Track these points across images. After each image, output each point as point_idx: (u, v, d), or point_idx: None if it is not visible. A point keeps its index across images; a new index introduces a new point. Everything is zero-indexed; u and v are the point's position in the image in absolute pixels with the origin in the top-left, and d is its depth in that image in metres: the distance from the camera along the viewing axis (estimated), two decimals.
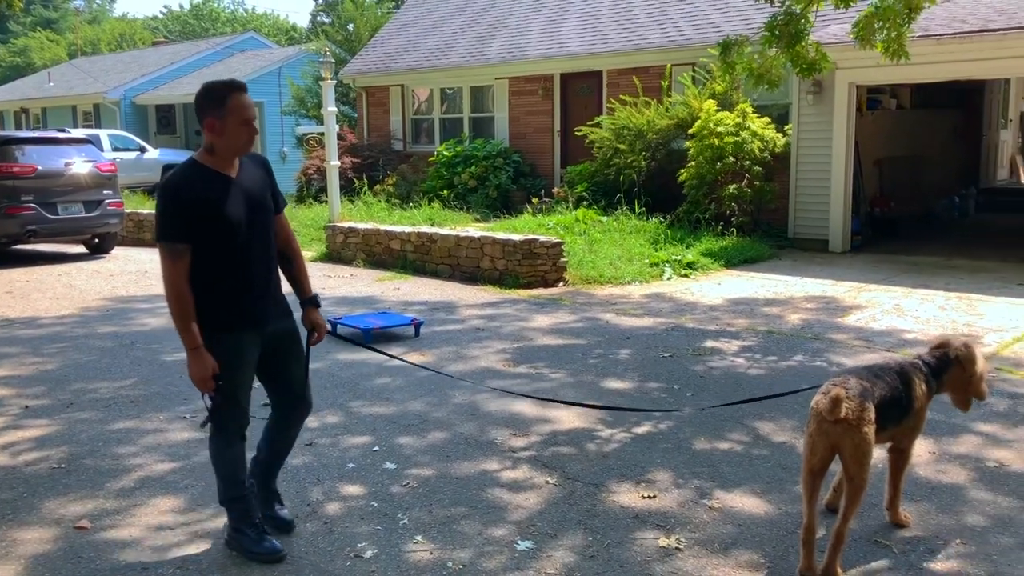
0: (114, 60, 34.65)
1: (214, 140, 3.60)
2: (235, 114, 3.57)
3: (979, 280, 9.95)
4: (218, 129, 3.57)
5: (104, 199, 13.35)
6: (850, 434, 3.52)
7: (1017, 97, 19.50)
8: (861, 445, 3.53)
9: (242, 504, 3.88)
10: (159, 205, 3.59)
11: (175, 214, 3.54)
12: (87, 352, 7.56)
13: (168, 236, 3.54)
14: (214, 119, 3.57)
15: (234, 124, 3.57)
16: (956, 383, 4.03)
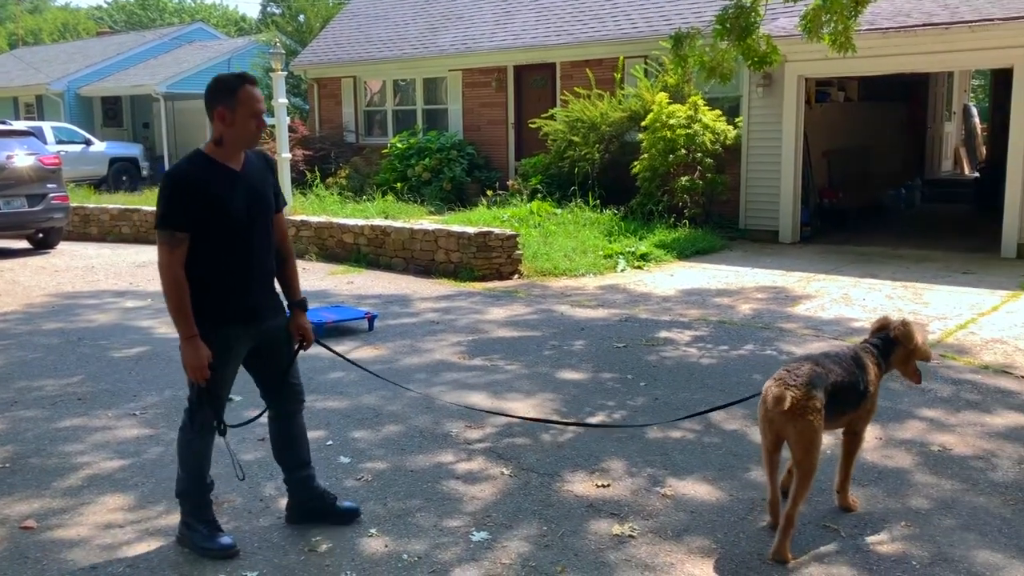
0: (57, 50, 33.81)
1: (224, 131, 3.62)
2: (246, 105, 3.59)
3: (924, 269, 10.17)
4: (228, 119, 3.59)
5: (48, 193, 13.05)
6: (793, 422, 3.63)
7: (960, 90, 19.96)
8: (805, 432, 3.63)
9: (198, 499, 3.85)
10: (162, 192, 3.58)
11: (177, 202, 3.54)
12: (32, 349, 7.39)
13: (168, 223, 3.54)
14: (225, 109, 3.58)
15: (244, 115, 3.59)
16: (901, 360, 4.16)
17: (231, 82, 3.63)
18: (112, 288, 10.20)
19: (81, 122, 26.09)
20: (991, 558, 3.69)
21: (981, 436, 5.07)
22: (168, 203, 3.56)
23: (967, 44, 10.79)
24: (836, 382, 3.78)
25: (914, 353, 4.15)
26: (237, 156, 3.69)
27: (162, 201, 3.57)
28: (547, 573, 3.61)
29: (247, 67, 24.83)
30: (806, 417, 3.61)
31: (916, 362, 4.21)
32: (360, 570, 3.65)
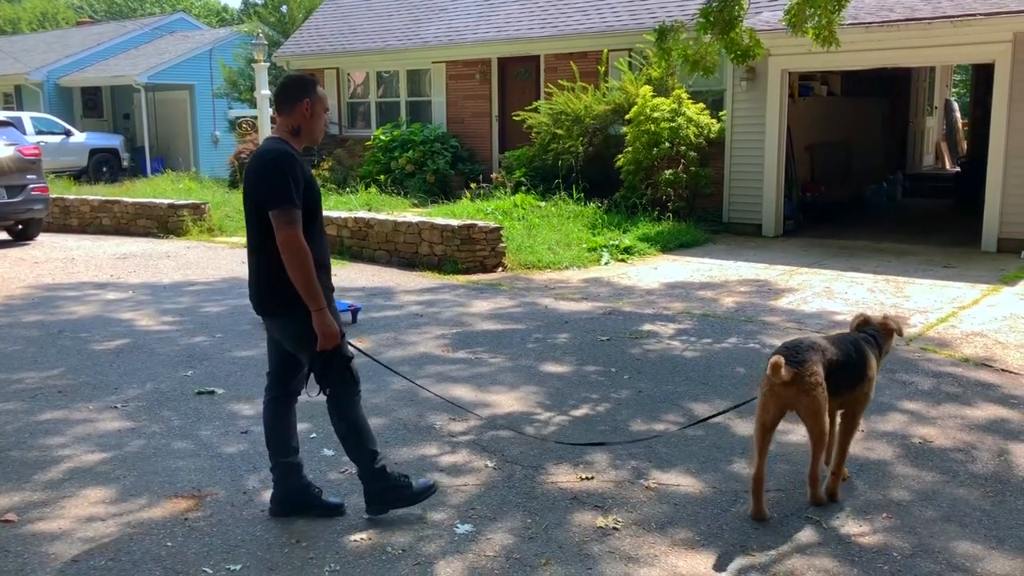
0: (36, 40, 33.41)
1: (302, 123, 3.87)
2: (321, 102, 3.92)
3: (906, 263, 10.24)
4: (308, 112, 3.86)
5: (28, 184, 12.92)
6: (800, 394, 3.88)
7: (942, 85, 20.09)
8: (813, 404, 3.90)
9: (384, 459, 4.03)
10: (276, 172, 3.71)
11: (293, 181, 3.71)
12: (11, 342, 7.32)
13: (290, 201, 3.68)
14: (310, 101, 3.86)
15: (320, 110, 3.91)
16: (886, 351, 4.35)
17: (309, 80, 3.96)
18: (93, 280, 10.12)
19: (61, 113, 25.82)
20: (971, 549, 3.73)
21: (961, 428, 5.12)
22: (287, 182, 3.69)
23: (949, 39, 10.86)
24: (832, 360, 3.97)
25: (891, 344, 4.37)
26: (301, 149, 3.93)
27: (279, 181, 3.69)
28: (531, 565, 3.61)
29: (229, 58, 24.70)
30: (812, 391, 3.86)
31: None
32: (344, 563, 3.64)
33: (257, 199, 3.76)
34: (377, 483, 4.00)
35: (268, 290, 3.84)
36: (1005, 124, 10.67)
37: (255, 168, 3.81)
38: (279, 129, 3.91)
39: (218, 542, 3.83)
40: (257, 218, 3.78)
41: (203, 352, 6.93)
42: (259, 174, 3.76)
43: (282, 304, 3.80)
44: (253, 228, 3.84)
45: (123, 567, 3.63)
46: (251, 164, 3.86)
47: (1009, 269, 9.64)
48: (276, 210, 3.66)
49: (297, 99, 3.86)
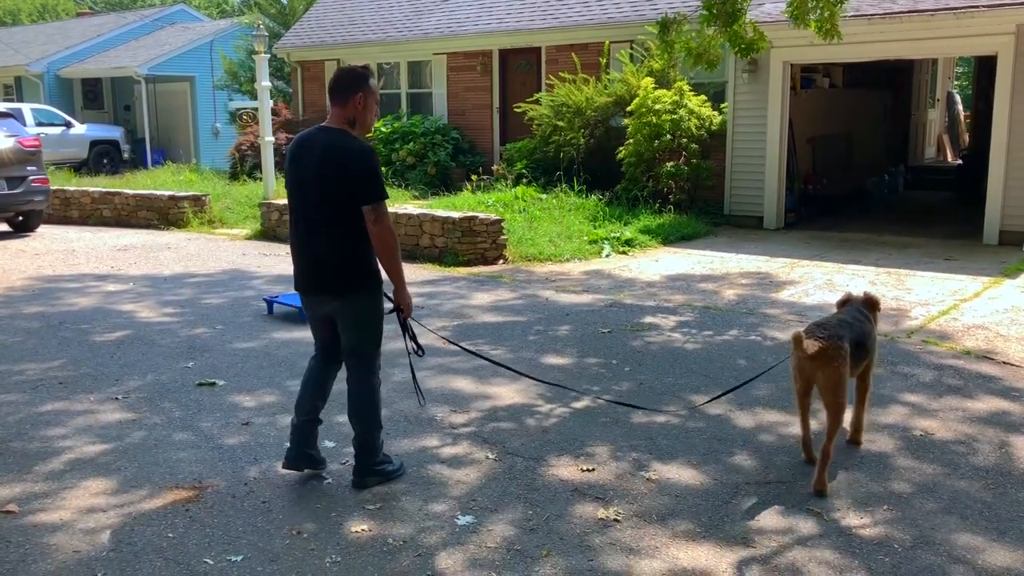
0: (36, 31, 33.33)
1: (357, 115, 4.06)
2: (374, 94, 4.10)
3: (907, 256, 10.23)
4: (362, 104, 4.05)
5: (28, 175, 12.89)
6: (821, 368, 4.20)
7: (944, 77, 20.04)
8: (832, 376, 4.20)
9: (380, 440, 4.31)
10: (371, 168, 3.98)
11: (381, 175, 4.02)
12: (12, 333, 7.32)
13: (385, 195, 4.01)
14: (364, 94, 4.04)
15: (372, 102, 4.09)
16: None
17: (365, 73, 4.12)
18: (93, 272, 10.12)
19: (61, 104, 25.78)
20: (972, 541, 3.73)
21: (963, 421, 5.11)
22: (380, 178, 4.00)
23: (952, 31, 10.82)
24: (853, 338, 4.35)
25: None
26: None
27: (376, 177, 3.97)
28: (532, 557, 3.62)
29: (229, 50, 24.65)
30: (832, 363, 4.18)
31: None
32: (345, 554, 3.65)
33: (346, 190, 3.96)
34: (370, 457, 4.27)
35: (337, 273, 4.10)
36: (1007, 117, 10.64)
37: (346, 160, 3.97)
38: (335, 120, 4.07)
39: (219, 533, 3.83)
40: (342, 208, 3.99)
41: (204, 344, 6.93)
42: (352, 167, 3.96)
43: (357, 284, 4.11)
44: (330, 216, 4.02)
45: (124, 558, 3.63)
46: (332, 153, 4.00)
47: (1011, 262, 9.62)
48: (374, 204, 3.95)
49: (352, 91, 4.03)
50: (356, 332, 4.21)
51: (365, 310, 4.17)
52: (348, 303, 4.15)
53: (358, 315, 4.18)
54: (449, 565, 3.56)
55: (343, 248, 4.06)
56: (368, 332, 4.21)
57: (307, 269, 4.18)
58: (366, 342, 4.22)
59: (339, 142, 4.03)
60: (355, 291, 4.13)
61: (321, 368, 4.39)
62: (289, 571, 3.52)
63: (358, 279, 4.11)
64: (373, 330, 4.21)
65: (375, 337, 4.24)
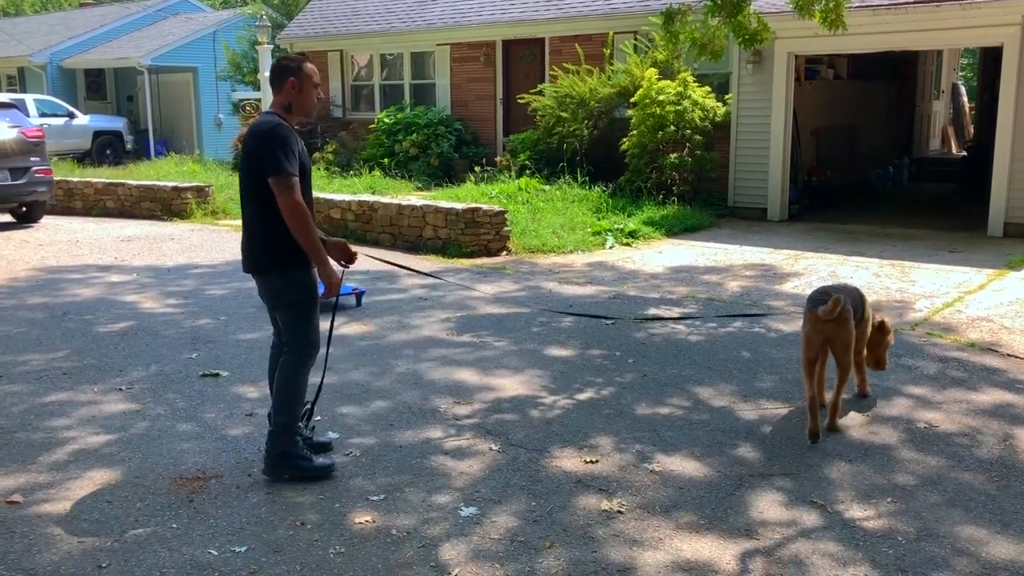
0: (39, 22, 33.29)
1: (293, 99, 4.19)
2: (310, 78, 4.21)
3: (911, 248, 10.21)
4: (296, 89, 4.17)
5: (31, 166, 12.89)
6: (839, 330, 4.70)
7: (949, 68, 19.96)
8: (846, 337, 4.73)
9: (296, 430, 4.26)
10: (274, 143, 4.00)
11: (290, 151, 4.02)
12: (16, 323, 7.33)
13: (289, 167, 3.99)
14: (295, 79, 4.16)
15: (309, 86, 4.21)
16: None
17: (296, 58, 4.26)
18: (97, 262, 10.12)
19: (64, 95, 25.76)
20: (976, 533, 3.72)
21: (967, 413, 5.11)
22: (284, 152, 4.00)
23: (957, 22, 10.78)
24: (854, 304, 4.84)
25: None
26: (294, 123, 4.23)
27: (278, 151, 3.99)
28: (535, 548, 3.62)
29: (233, 40, 24.61)
30: (848, 325, 4.70)
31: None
32: (349, 545, 3.65)
33: (255, 167, 4.06)
34: (281, 445, 4.22)
35: (260, 251, 4.16)
36: (1013, 108, 10.60)
37: (253, 139, 4.12)
38: (273, 106, 4.25)
39: (223, 524, 3.84)
40: (254, 185, 4.08)
41: (207, 334, 6.93)
42: (257, 144, 4.07)
43: (272, 263, 4.14)
44: (250, 195, 4.14)
45: (128, 548, 3.64)
46: (249, 136, 4.15)
47: (1015, 254, 9.60)
48: (276, 177, 3.98)
49: (284, 78, 4.18)
50: (279, 313, 4.28)
51: (281, 290, 4.19)
52: (267, 282, 4.22)
53: (276, 295, 4.23)
54: (452, 556, 3.56)
55: (260, 226, 4.12)
56: (287, 313, 4.22)
57: (242, 248, 4.30)
58: (288, 326, 4.23)
59: (257, 123, 4.17)
60: (269, 270, 4.16)
61: (273, 354, 4.48)
62: (293, 562, 3.53)
63: (272, 257, 4.12)
64: (292, 312, 4.21)
65: (294, 321, 4.21)
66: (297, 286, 4.17)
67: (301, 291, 4.19)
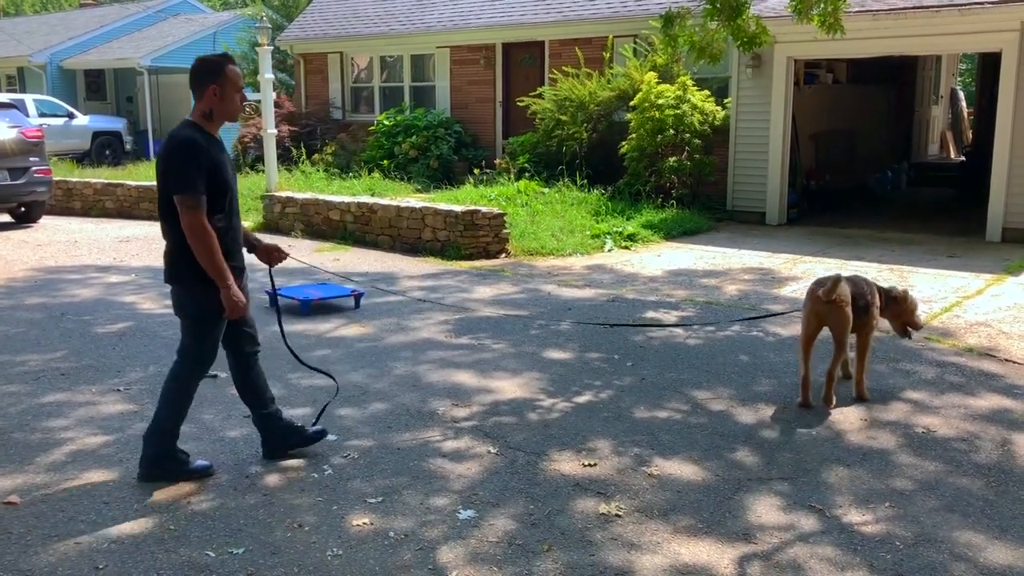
0: (39, 22, 33.28)
1: (214, 105, 4.04)
2: (232, 82, 4.05)
3: (910, 252, 10.22)
4: (219, 95, 4.02)
5: (31, 166, 12.89)
6: (835, 311, 5.11)
7: (948, 74, 19.98)
8: (842, 316, 5.13)
9: (174, 436, 4.25)
10: (179, 159, 3.92)
11: (197, 168, 3.90)
12: (14, 324, 7.32)
13: (194, 187, 3.88)
14: (216, 85, 4.00)
15: (231, 91, 4.05)
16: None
17: (217, 61, 4.06)
18: (95, 263, 10.12)
19: (64, 95, 25.74)
20: (974, 538, 3.73)
21: (965, 418, 5.11)
22: (189, 169, 3.89)
23: (956, 27, 10.79)
24: (853, 292, 5.23)
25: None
26: (218, 129, 4.13)
27: (184, 166, 3.90)
28: (533, 551, 3.62)
29: (232, 42, 24.60)
30: (844, 308, 5.12)
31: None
32: (346, 547, 3.65)
33: (162, 182, 4.00)
34: (156, 449, 4.21)
35: (169, 263, 4.14)
36: (1011, 114, 10.62)
37: (162, 153, 4.04)
38: (194, 113, 4.10)
39: (221, 526, 3.83)
40: (164, 199, 4.01)
41: None
42: (165, 159, 4.00)
43: (181, 275, 4.10)
44: (162, 208, 4.05)
45: (126, 549, 3.63)
46: (162, 146, 4.11)
47: (1014, 259, 9.61)
48: (179, 196, 3.90)
49: (204, 84, 4.02)
50: (181, 322, 4.25)
51: (184, 302, 4.16)
52: (173, 292, 4.21)
53: (180, 305, 4.20)
54: (450, 559, 3.56)
55: (171, 238, 4.07)
56: (186, 324, 4.21)
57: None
58: (185, 336, 4.23)
59: (169, 135, 4.06)
60: (177, 281, 4.14)
61: (240, 368, 4.45)
62: (290, 564, 3.52)
63: (180, 270, 4.07)
64: (190, 325, 4.19)
65: (191, 335, 4.20)
66: (199, 301, 4.09)
67: (202, 307, 4.10)
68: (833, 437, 4.83)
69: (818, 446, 4.70)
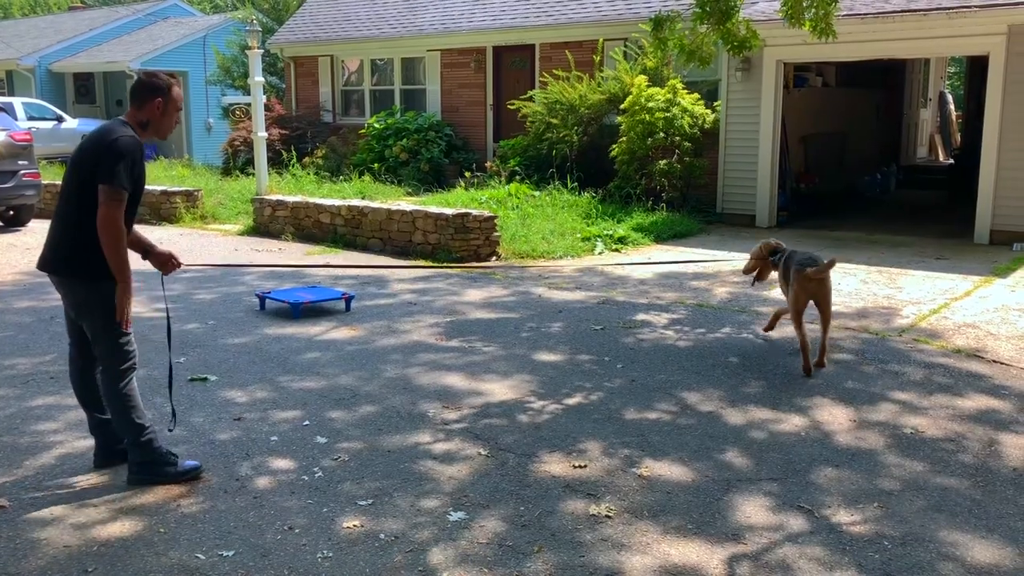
0: (28, 25, 33.17)
1: (153, 119, 4.17)
2: (175, 102, 4.23)
3: (899, 254, 10.26)
4: (160, 111, 4.17)
5: (19, 170, 12.85)
6: (823, 287, 5.91)
7: (936, 77, 20.11)
8: (828, 290, 5.97)
9: (151, 435, 4.23)
10: (118, 154, 3.96)
11: (129, 166, 3.99)
12: (3, 328, 7.30)
13: (123, 184, 3.97)
14: (161, 100, 4.16)
15: (172, 109, 4.22)
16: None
17: (165, 79, 4.24)
18: None
19: (53, 98, 25.65)
20: (961, 538, 3.75)
21: (952, 419, 5.14)
22: (124, 166, 3.97)
23: (944, 31, 10.86)
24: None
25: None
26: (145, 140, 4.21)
27: (119, 163, 3.95)
28: (524, 552, 3.62)
29: (222, 45, 24.56)
30: (828, 282, 5.95)
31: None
32: (337, 549, 3.65)
33: (88, 171, 4.00)
34: (140, 454, 4.23)
35: (70, 255, 4.10)
36: (999, 117, 10.68)
37: (97, 142, 4.05)
38: (129, 117, 4.17)
39: (211, 528, 3.83)
40: (80, 188, 4.03)
41: (196, 339, 6.92)
42: (99, 149, 4.00)
43: (82, 270, 4.08)
44: (72, 196, 4.08)
45: (115, 553, 3.63)
46: (92, 138, 4.12)
47: (1001, 261, 9.67)
48: (107, 186, 3.93)
49: (150, 96, 4.15)
50: (85, 323, 4.21)
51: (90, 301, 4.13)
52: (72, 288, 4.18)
53: (83, 304, 4.16)
54: (441, 561, 3.57)
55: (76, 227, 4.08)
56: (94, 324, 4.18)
57: (46, 246, 4.26)
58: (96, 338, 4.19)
59: (106, 127, 4.12)
60: (77, 276, 4.11)
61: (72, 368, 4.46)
62: (281, 566, 3.52)
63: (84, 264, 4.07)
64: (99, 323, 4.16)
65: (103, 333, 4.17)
66: (107, 297, 4.06)
67: (111, 303, 4.07)
68: (822, 438, 4.85)
69: (807, 447, 4.72)
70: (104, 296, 4.06)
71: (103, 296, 4.07)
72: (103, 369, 4.21)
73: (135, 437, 4.20)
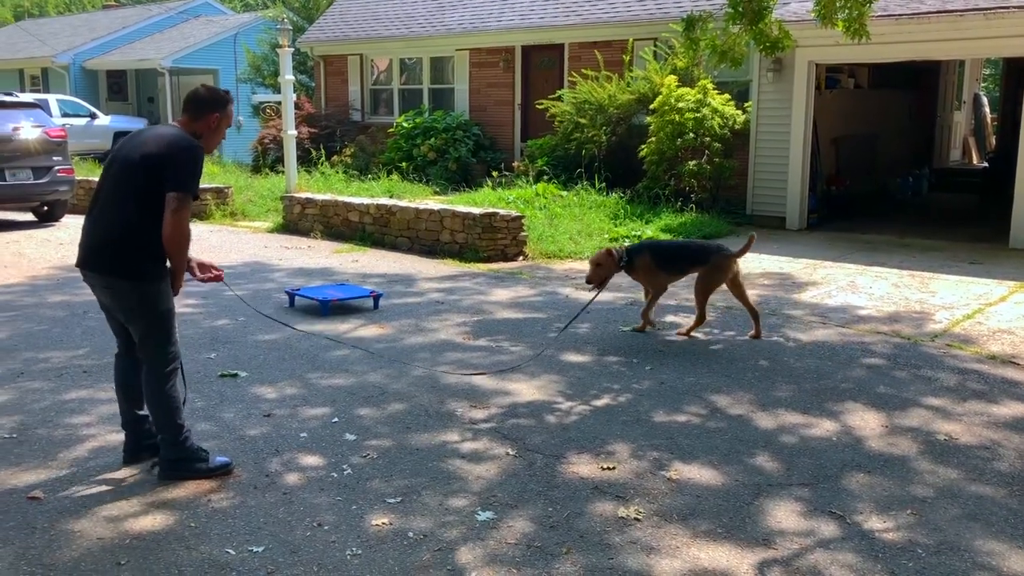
0: (63, 23, 33.62)
1: (205, 132, 4.24)
2: (228, 119, 4.33)
3: (931, 258, 10.14)
4: (215, 124, 4.26)
5: (54, 165, 13.00)
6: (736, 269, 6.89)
7: (971, 79, 19.83)
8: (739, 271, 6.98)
9: (186, 433, 4.30)
10: (191, 160, 4.07)
11: (198, 175, 4.13)
12: (37, 321, 7.39)
13: (194, 190, 4.10)
14: (219, 116, 4.25)
15: (224, 126, 4.33)
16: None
17: (225, 97, 4.32)
18: None
19: (86, 95, 25.98)
20: (996, 547, 3.69)
21: (987, 426, 5.07)
22: (197, 173, 4.10)
23: (981, 32, 10.70)
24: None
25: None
26: None
27: (193, 170, 4.07)
28: (552, 554, 3.61)
29: (253, 43, 24.76)
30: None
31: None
32: (366, 547, 3.66)
33: (155, 172, 4.01)
34: (175, 452, 4.26)
35: (123, 257, 4.11)
36: None
37: (168, 147, 4.06)
38: (183, 126, 4.22)
39: (241, 524, 3.86)
40: (143, 188, 4.03)
41: (226, 335, 6.97)
42: (172, 154, 4.04)
43: (133, 273, 4.12)
44: (129, 195, 4.07)
45: (147, 546, 3.66)
46: (159, 140, 4.12)
47: None
48: (180, 193, 4.01)
49: (209, 110, 4.24)
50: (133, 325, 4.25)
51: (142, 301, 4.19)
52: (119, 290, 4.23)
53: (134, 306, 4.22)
54: (469, 560, 3.57)
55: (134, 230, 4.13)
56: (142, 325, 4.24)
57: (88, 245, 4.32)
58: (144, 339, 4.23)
59: (175, 133, 4.16)
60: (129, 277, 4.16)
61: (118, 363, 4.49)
62: (310, 563, 3.54)
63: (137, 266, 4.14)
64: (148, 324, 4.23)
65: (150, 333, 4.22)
66: (155, 298, 4.15)
67: (160, 303, 4.17)
68: (853, 443, 4.80)
69: (838, 452, 4.67)
70: (153, 298, 4.14)
71: (152, 298, 4.14)
72: (147, 370, 4.22)
73: (174, 437, 4.24)
